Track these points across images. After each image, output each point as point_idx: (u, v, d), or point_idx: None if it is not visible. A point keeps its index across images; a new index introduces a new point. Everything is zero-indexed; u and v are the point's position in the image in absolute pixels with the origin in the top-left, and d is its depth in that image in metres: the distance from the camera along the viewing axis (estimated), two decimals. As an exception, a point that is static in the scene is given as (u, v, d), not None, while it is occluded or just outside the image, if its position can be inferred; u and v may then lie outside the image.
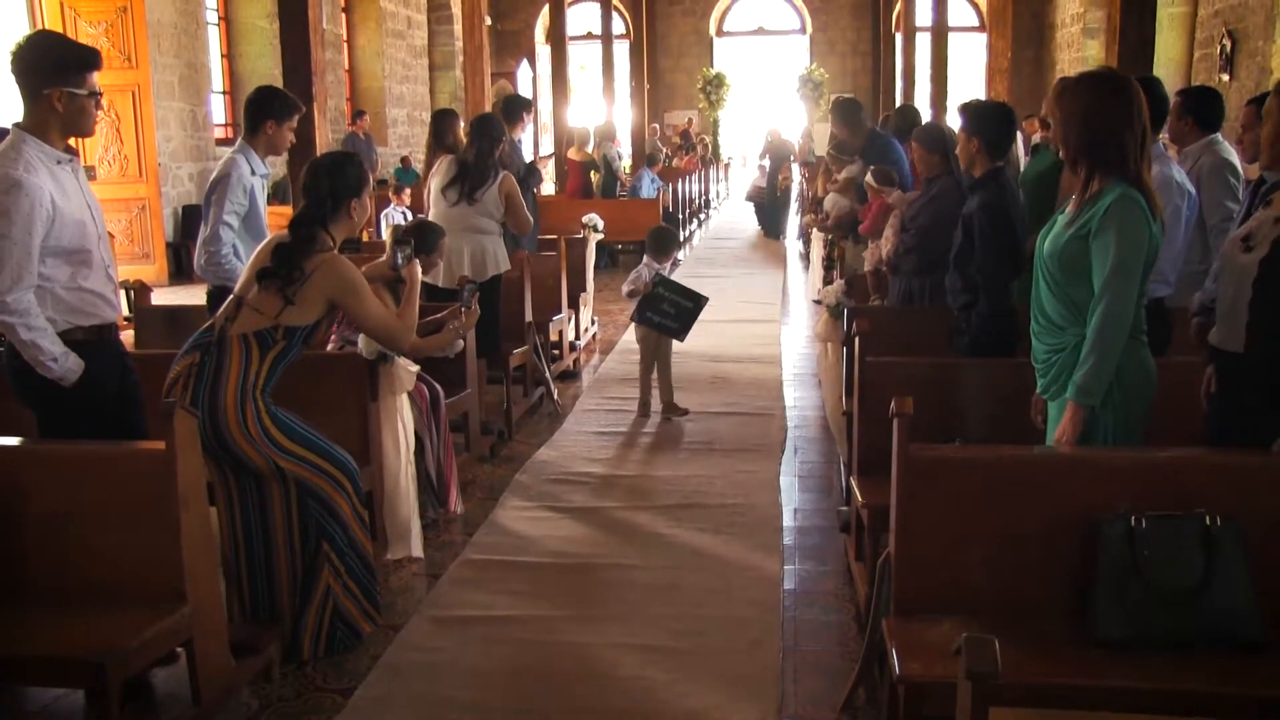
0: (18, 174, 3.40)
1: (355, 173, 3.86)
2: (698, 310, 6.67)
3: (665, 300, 6.60)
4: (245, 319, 3.62)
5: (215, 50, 15.33)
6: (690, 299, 6.67)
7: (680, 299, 6.65)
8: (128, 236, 12.01)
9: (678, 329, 6.69)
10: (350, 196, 3.81)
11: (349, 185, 3.81)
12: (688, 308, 6.64)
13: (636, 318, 6.74)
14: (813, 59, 26.54)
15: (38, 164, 3.46)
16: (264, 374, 3.60)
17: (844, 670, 3.57)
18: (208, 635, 3.26)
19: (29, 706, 3.56)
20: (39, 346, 3.47)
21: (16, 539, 3.23)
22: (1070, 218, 3.21)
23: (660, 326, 6.66)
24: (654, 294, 6.60)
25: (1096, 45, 19.88)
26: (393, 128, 20.09)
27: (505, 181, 6.30)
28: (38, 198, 3.41)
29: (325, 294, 3.68)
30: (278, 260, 3.65)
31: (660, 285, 6.65)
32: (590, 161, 14.46)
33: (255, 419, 3.56)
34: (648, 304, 6.61)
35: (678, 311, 6.65)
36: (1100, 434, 3.16)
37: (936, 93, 15.69)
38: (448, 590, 4.32)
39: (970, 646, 1.87)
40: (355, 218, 3.87)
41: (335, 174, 3.82)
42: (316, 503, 3.70)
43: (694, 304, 6.65)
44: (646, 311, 6.63)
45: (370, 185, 3.96)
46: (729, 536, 4.82)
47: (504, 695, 3.52)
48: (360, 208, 3.87)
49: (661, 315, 6.61)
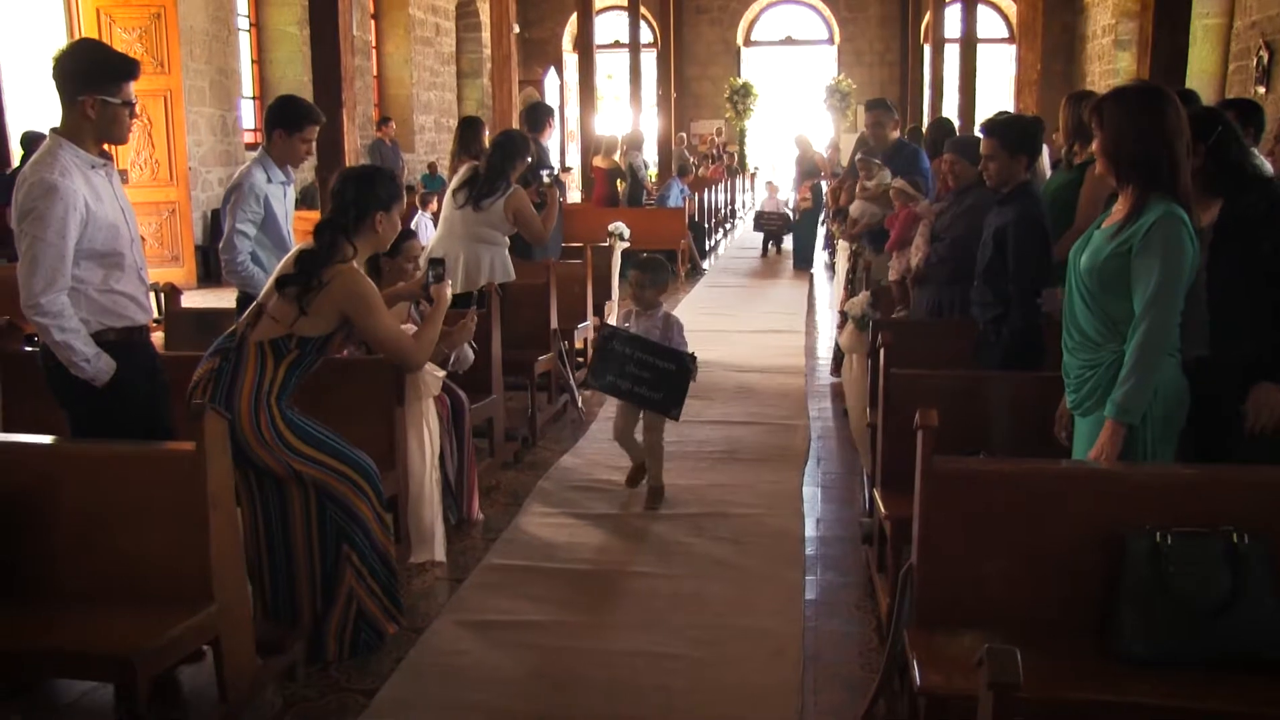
0: (53, 178, 3.46)
1: (386, 187, 3.84)
2: (685, 373, 5.05)
3: (629, 360, 5.02)
4: (263, 327, 3.64)
5: (246, 56, 15.46)
6: (668, 358, 5.03)
7: (653, 358, 5.04)
8: (158, 240, 12.12)
9: (661, 400, 5.05)
10: (376, 209, 3.78)
11: (376, 198, 3.78)
12: (667, 371, 5.02)
13: (595, 380, 5.21)
14: (840, 69, 26.50)
15: (73, 168, 3.52)
16: (279, 382, 3.62)
17: (865, 682, 3.57)
18: (234, 634, 3.30)
19: (61, 700, 3.61)
20: (72, 348, 3.53)
21: (49, 537, 3.28)
22: (1110, 233, 3.18)
23: (632, 396, 5.08)
24: (608, 351, 5.10)
25: (1128, 57, 19.79)
26: (420, 134, 20.19)
27: (514, 197, 6.34)
28: (72, 202, 3.47)
29: (337, 306, 3.66)
30: (298, 268, 3.67)
31: (615, 340, 5.10)
32: (616, 170, 14.50)
33: (269, 424, 3.58)
34: (606, 364, 5.10)
35: (655, 377, 5.02)
36: (1139, 451, 3.15)
37: (965, 104, 15.63)
38: (470, 594, 4.34)
39: (992, 657, 1.88)
40: (381, 232, 3.83)
41: (363, 184, 3.80)
42: (336, 506, 3.72)
43: (676, 365, 5.02)
44: (608, 375, 5.07)
45: (403, 202, 3.93)
46: (750, 546, 4.82)
47: (524, 700, 3.54)
48: (388, 223, 3.84)
49: (630, 380, 5.03)
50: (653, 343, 5.07)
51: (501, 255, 6.46)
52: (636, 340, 5.08)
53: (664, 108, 22.70)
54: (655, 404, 5.07)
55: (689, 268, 14.26)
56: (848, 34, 26.88)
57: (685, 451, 6.27)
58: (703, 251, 15.37)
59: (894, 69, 26.00)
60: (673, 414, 5.09)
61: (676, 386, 5.02)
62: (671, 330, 5.19)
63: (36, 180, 3.48)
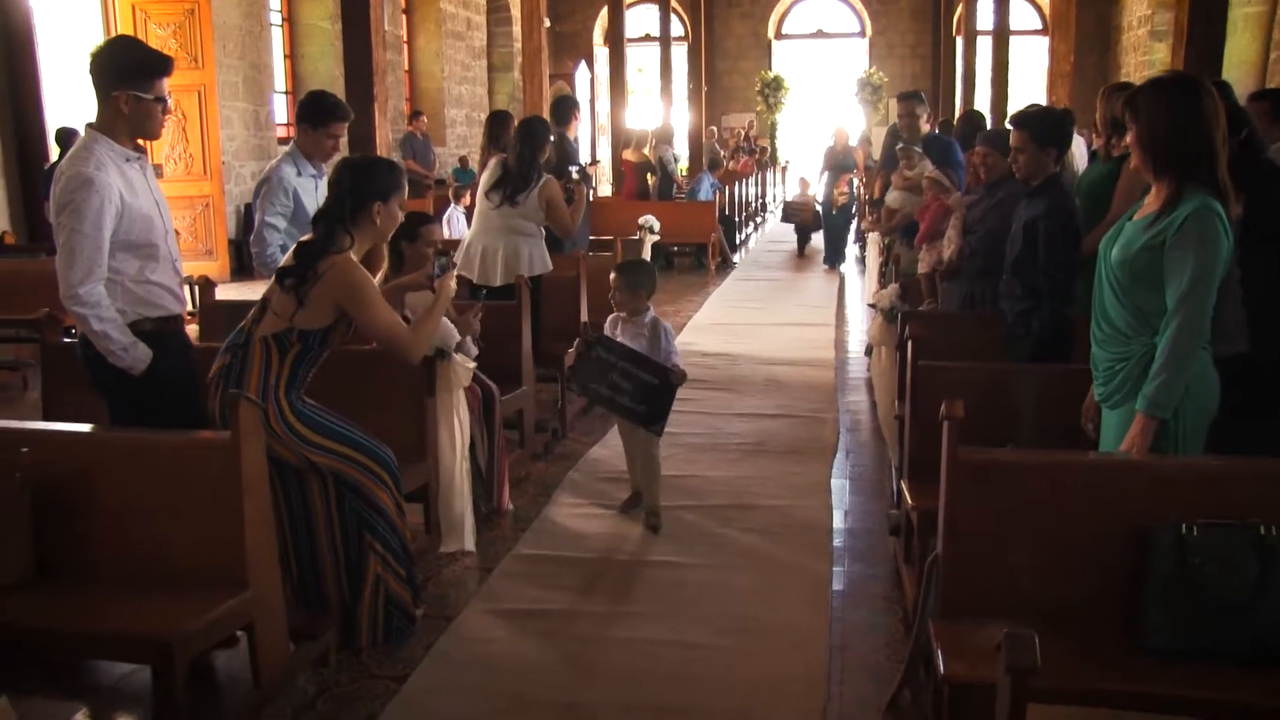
0: (89, 171, 3.53)
1: (385, 178, 3.78)
2: (667, 390, 4.74)
3: (613, 369, 4.76)
4: (267, 321, 3.65)
5: (278, 51, 15.58)
6: (653, 372, 4.74)
7: (636, 370, 4.75)
8: (192, 233, 12.25)
9: (645, 413, 4.75)
10: (374, 199, 3.71)
11: (373, 188, 3.72)
12: (650, 385, 4.73)
13: (576, 385, 5.02)
14: (872, 62, 26.38)
15: (108, 162, 3.59)
16: (285, 376, 3.63)
17: (891, 672, 3.58)
18: (267, 620, 3.36)
19: (101, 682, 3.69)
20: (109, 337, 3.60)
21: (88, 523, 3.36)
22: (1143, 225, 3.15)
23: (612, 405, 4.83)
24: (590, 358, 4.82)
25: (1164, 49, 19.54)
26: (451, 128, 20.28)
27: (547, 186, 6.38)
28: (108, 194, 3.54)
29: (333, 297, 3.61)
30: (295, 260, 3.66)
31: (598, 346, 4.82)
32: (647, 163, 14.52)
33: (278, 417, 3.60)
34: (588, 371, 4.83)
35: (636, 388, 4.73)
36: (1170, 444, 3.13)
37: (997, 97, 15.56)
38: (500, 583, 4.39)
39: (1010, 642, 1.90)
40: (379, 224, 3.76)
41: (360, 173, 3.75)
42: (356, 495, 3.75)
43: (659, 380, 4.73)
44: (590, 383, 4.83)
45: (403, 193, 3.85)
46: (778, 537, 4.84)
47: (551, 687, 3.58)
48: (386, 214, 3.77)
49: (611, 389, 4.75)
50: (637, 353, 4.75)
51: (540, 247, 6.51)
52: (621, 349, 4.77)
53: (695, 101, 22.72)
54: (636, 416, 4.76)
55: (719, 261, 14.27)
56: (879, 26, 26.74)
57: (715, 444, 6.29)
58: (733, 245, 15.36)
59: (926, 62, 25.85)
60: (654, 429, 4.79)
61: (660, 400, 4.73)
62: (660, 338, 4.86)
63: (73, 174, 3.55)
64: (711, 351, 8.99)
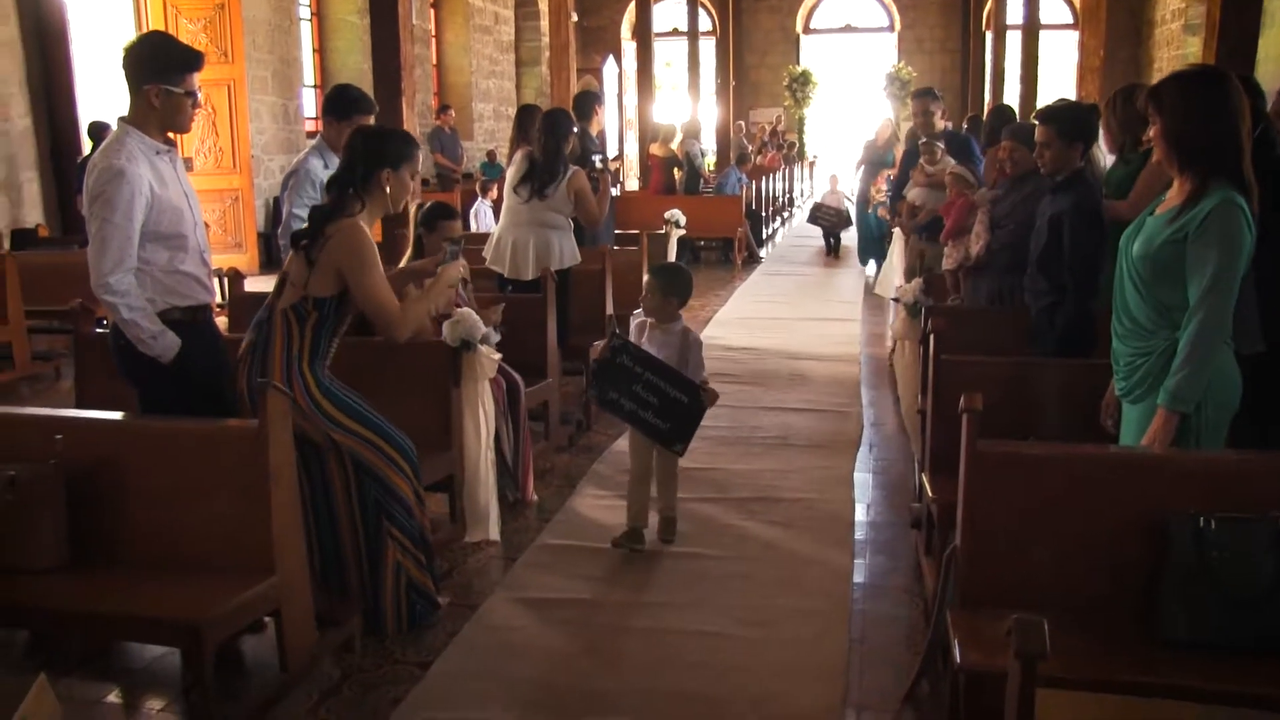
0: (120, 163, 3.62)
1: (396, 146, 3.82)
2: (696, 409, 4.42)
3: (638, 379, 4.38)
4: (286, 294, 3.72)
5: (307, 45, 15.69)
6: (682, 388, 4.39)
7: (665, 383, 4.40)
8: (221, 226, 12.37)
9: (667, 431, 4.41)
10: (382, 166, 3.74)
11: (384, 155, 3.76)
12: (678, 402, 4.38)
13: (593, 393, 4.63)
14: (900, 57, 26.27)
15: (138, 154, 3.68)
16: (306, 346, 3.68)
17: (910, 663, 3.60)
18: (294, 606, 3.42)
19: (132, 665, 3.77)
20: (138, 325, 3.68)
21: (120, 509, 3.43)
22: (1166, 219, 3.13)
23: (634, 420, 4.44)
24: (615, 365, 4.41)
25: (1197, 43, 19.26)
26: (479, 122, 20.36)
27: (575, 178, 6.41)
28: (138, 186, 3.62)
29: (335, 262, 3.64)
30: (309, 222, 3.75)
31: (624, 353, 4.42)
32: (673, 158, 14.53)
33: (303, 391, 3.65)
34: (610, 378, 4.43)
35: (662, 404, 4.38)
36: (1191, 439, 3.13)
37: (1026, 92, 15.44)
38: (524, 573, 4.43)
39: (1020, 627, 1.92)
40: (390, 191, 3.78)
41: (372, 140, 3.82)
42: (374, 481, 3.79)
43: (689, 398, 4.39)
44: (610, 392, 4.42)
45: (415, 164, 3.86)
46: (801, 530, 4.87)
47: (574, 674, 3.62)
48: (396, 182, 3.79)
49: (634, 401, 4.39)
50: (667, 366, 4.40)
51: (570, 240, 6.54)
52: (650, 360, 4.41)
53: (722, 96, 22.69)
54: (659, 434, 4.42)
55: (745, 256, 14.27)
56: (908, 21, 26.63)
57: (738, 437, 6.32)
58: (760, 240, 15.36)
59: (955, 56, 25.71)
60: (677, 449, 4.48)
61: (686, 419, 4.41)
62: (690, 350, 4.55)
63: (105, 166, 3.64)
64: (737, 346, 9.01)
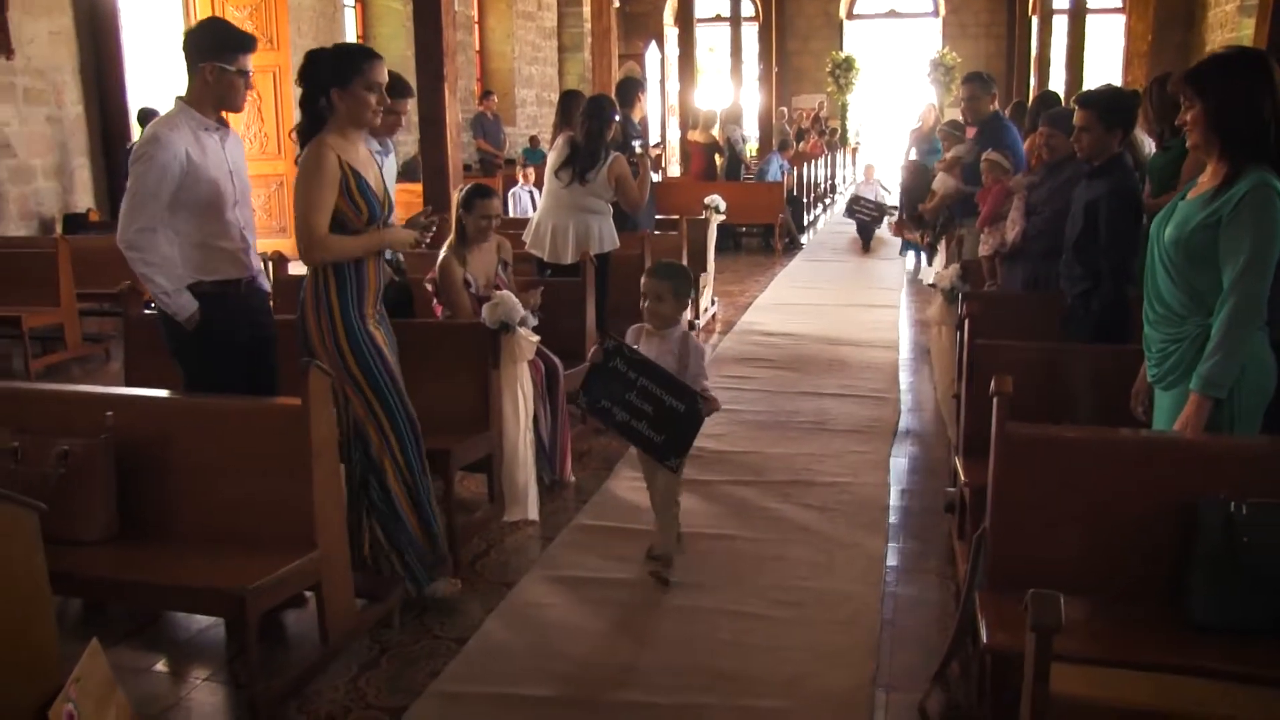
0: (161, 130, 3.84)
1: (337, 64, 3.75)
2: (693, 419, 3.98)
3: (631, 386, 3.98)
4: None
5: (351, 32, 15.81)
6: (679, 395, 3.97)
7: (661, 391, 3.97)
8: (266, 211, 12.52)
9: (661, 444, 3.99)
10: (329, 86, 3.72)
11: (325, 75, 3.74)
12: (674, 410, 3.96)
13: (584, 399, 4.15)
14: (944, 42, 26.05)
15: (183, 125, 3.86)
16: (331, 279, 3.76)
17: (941, 645, 3.61)
18: (334, 580, 3.50)
19: (179, 636, 3.90)
20: (154, 281, 3.83)
21: (167, 483, 3.54)
22: (1199, 203, 3.12)
23: (626, 430, 4.03)
24: (607, 369, 4.04)
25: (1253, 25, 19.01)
26: (521, 108, 20.42)
27: (616, 163, 6.45)
28: (173, 151, 3.79)
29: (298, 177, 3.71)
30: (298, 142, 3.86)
31: (618, 356, 4.04)
32: (714, 144, 14.53)
33: (329, 326, 3.75)
34: (602, 384, 4.04)
35: (658, 414, 3.96)
36: (1225, 424, 3.11)
37: (1071, 78, 15.25)
38: (560, 552, 4.50)
39: (1035, 601, 1.95)
40: (343, 110, 3.73)
41: (309, 66, 3.78)
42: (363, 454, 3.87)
43: (686, 406, 3.96)
44: (601, 399, 4.03)
45: (367, 78, 3.73)
46: (835, 513, 4.90)
47: (607, 651, 3.68)
48: (350, 99, 3.71)
49: (627, 411, 3.98)
50: (666, 373, 4.00)
51: (609, 225, 6.59)
52: (645, 365, 4.01)
53: (765, 82, 22.61)
54: (652, 447, 4.01)
55: (786, 242, 14.26)
56: (952, 6, 26.39)
57: (776, 421, 6.36)
58: (801, 226, 15.33)
59: (1000, 42, 25.47)
60: (669, 463, 4.05)
61: (682, 430, 3.98)
62: (689, 356, 4.14)
63: (149, 133, 3.85)
64: (776, 331, 9.04)
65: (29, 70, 9.87)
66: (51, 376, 7.65)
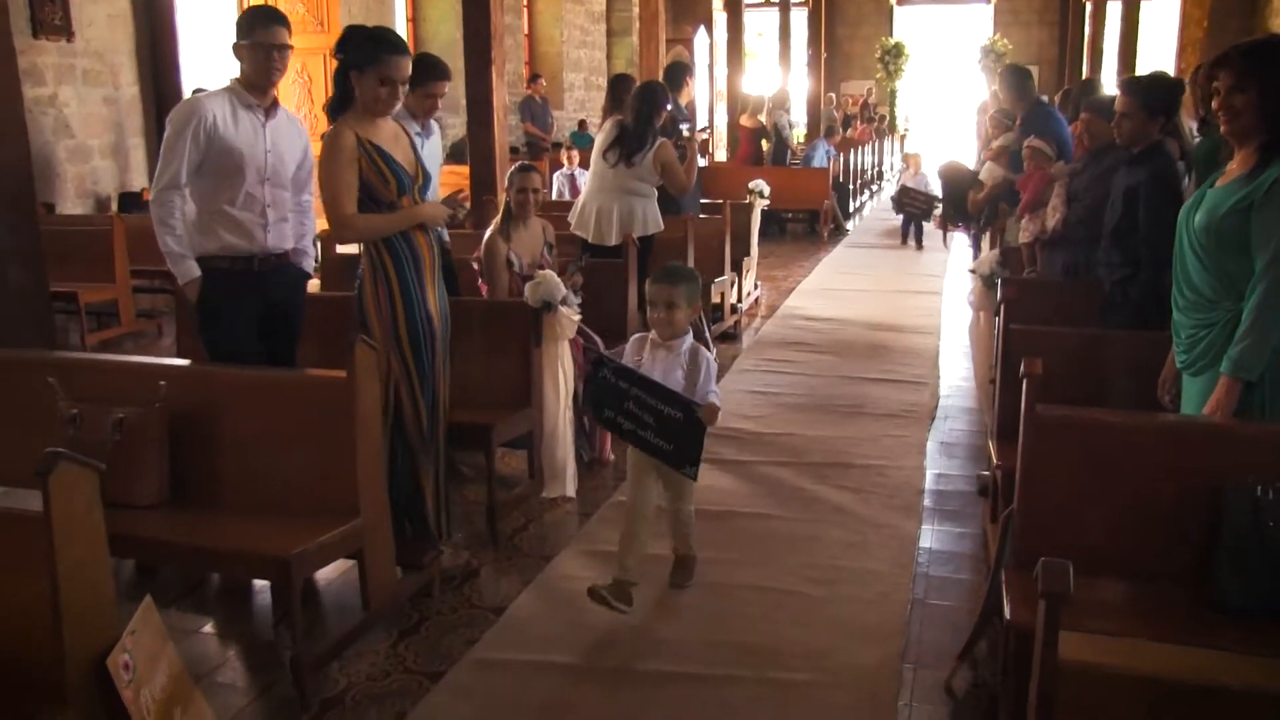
0: (196, 97, 4.10)
1: (358, 47, 3.80)
2: (695, 428, 3.74)
3: (627, 397, 3.81)
4: None
5: (401, 15, 15.93)
6: (674, 404, 3.75)
7: (655, 400, 3.78)
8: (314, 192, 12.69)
9: (674, 453, 3.79)
10: (349, 67, 3.81)
11: (345, 55, 3.82)
12: (674, 421, 3.76)
13: (588, 404, 4.27)
14: (996, 29, 25.77)
15: (223, 98, 4.06)
16: (385, 254, 3.89)
17: (970, 625, 3.66)
18: (376, 547, 3.61)
19: (226, 600, 4.05)
20: (163, 240, 4.04)
21: (215, 453, 3.65)
22: (1230, 189, 3.12)
23: (636, 440, 3.84)
24: (599, 379, 3.90)
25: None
26: (569, 92, 20.49)
27: (662, 149, 6.50)
28: (202, 115, 3.98)
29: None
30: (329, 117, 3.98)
31: (612, 371, 3.87)
32: (761, 129, 14.53)
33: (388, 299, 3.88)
34: (602, 395, 3.90)
35: (659, 423, 3.78)
36: (1255, 409, 3.11)
37: (1124, 66, 15.09)
38: (597, 528, 4.59)
39: (1046, 569, 2.00)
40: (361, 93, 3.80)
41: (341, 41, 3.87)
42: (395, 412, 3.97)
43: (684, 415, 3.74)
44: (605, 410, 3.89)
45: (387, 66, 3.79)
46: (870, 496, 4.95)
47: (639, 623, 3.77)
48: (363, 86, 3.79)
49: (631, 420, 3.82)
50: (654, 382, 3.78)
51: (653, 207, 6.65)
52: (631, 375, 3.82)
53: (814, 67, 22.52)
54: (666, 455, 3.80)
55: (831, 228, 14.25)
56: (1005, -9, 26.10)
57: (816, 404, 6.41)
58: (846, 213, 15.30)
59: (1052, 29, 25.13)
60: (688, 471, 3.82)
61: (689, 438, 3.75)
62: (699, 370, 3.88)
63: (186, 99, 4.17)
64: (818, 316, 9.08)
65: (88, 52, 10.09)
66: (106, 351, 7.83)
